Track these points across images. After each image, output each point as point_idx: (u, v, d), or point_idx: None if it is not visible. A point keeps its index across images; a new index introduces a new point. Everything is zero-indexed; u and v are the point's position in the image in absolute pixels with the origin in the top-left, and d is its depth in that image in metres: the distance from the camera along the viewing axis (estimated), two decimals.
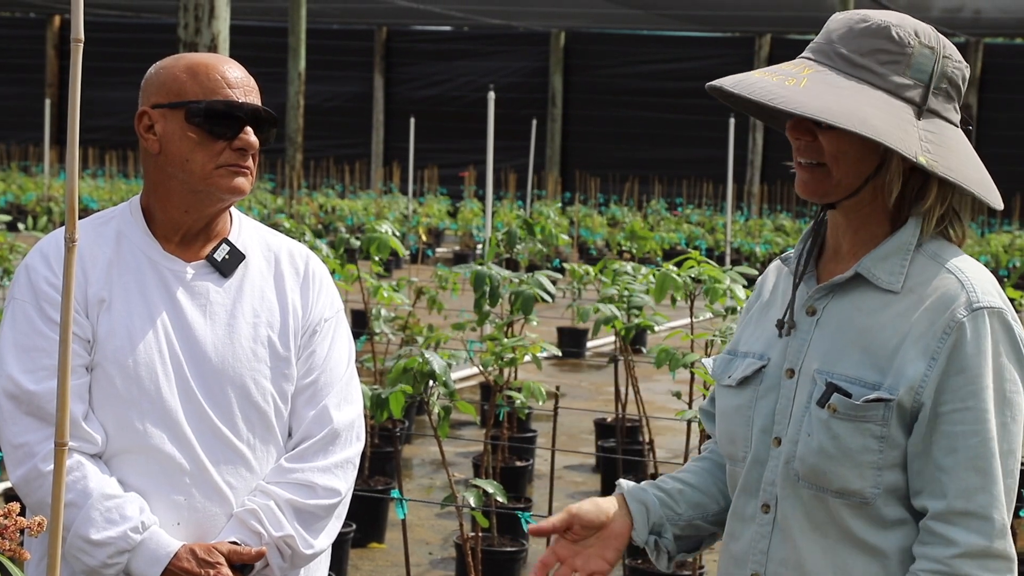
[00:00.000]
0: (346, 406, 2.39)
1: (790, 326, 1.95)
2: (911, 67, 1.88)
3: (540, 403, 4.85)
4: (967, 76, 1.93)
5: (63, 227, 2.37)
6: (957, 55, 1.92)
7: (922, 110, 1.87)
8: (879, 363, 1.85)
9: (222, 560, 2.22)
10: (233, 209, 2.41)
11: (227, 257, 2.34)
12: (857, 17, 1.89)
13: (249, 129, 2.30)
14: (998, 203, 1.89)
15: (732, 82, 1.90)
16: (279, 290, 2.37)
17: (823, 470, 1.85)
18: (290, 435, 2.37)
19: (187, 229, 2.33)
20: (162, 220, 2.33)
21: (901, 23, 1.89)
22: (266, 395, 2.31)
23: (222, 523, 2.29)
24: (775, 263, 2.11)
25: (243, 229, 2.41)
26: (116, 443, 2.25)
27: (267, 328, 2.33)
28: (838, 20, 1.91)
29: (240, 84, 2.33)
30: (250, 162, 2.32)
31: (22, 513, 1.44)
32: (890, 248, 1.89)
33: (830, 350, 1.90)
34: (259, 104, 2.34)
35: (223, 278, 2.33)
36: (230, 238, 2.37)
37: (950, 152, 1.87)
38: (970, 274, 1.87)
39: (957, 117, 1.92)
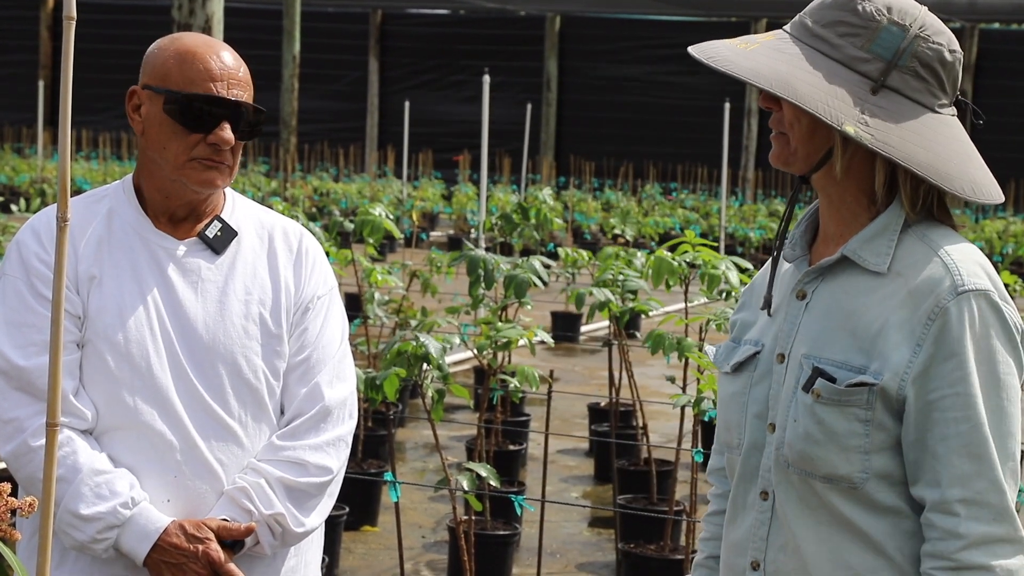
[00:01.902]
0: (338, 383, 2.37)
1: (768, 304, 1.96)
2: (873, 41, 1.85)
3: (534, 388, 4.85)
4: (949, 60, 1.88)
5: (55, 204, 2.36)
6: (940, 39, 1.88)
7: (879, 85, 1.84)
8: (864, 346, 1.84)
9: (211, 536, 2.22)
10: (228, 189, 2.40)
11: (219, 234, 2.33)
12: None
13: (226, 125, 2.26)
14: (962, 192, 1.84)
15: (698, 49, 1.91)
16: (272, 267, 2.36)
17: (810, 455, 1.85)
18: (282, 413, 2.37)
19: (172, 211, 2.33)
20: (150, 199, 2.33)
21: (874, 1, 1.87)
22: (257, 372, 2.31)
23: (212, 500, 2.28)
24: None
25: (236, 207, 2.40)
26: (107, 420, 2.25)
27: (259, 305, 2.32)
28: None
29: (225, 76, 2.27)
30: (226, 157, 2.28)
31: (14, 493, 1.43)
32: (876, 229, 1.88)
33: (818, 334, 1.89)
34: (245, 96, 2.29)
35: (215, 255, 2.32)
36: (223, 215, 2.36)
37: (900, 129, 1.83)
38: (956, 256, 1.84)
39: (936, 101, 1.87)
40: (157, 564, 2.21)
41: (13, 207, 11.33)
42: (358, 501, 5.80)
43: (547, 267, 5.65)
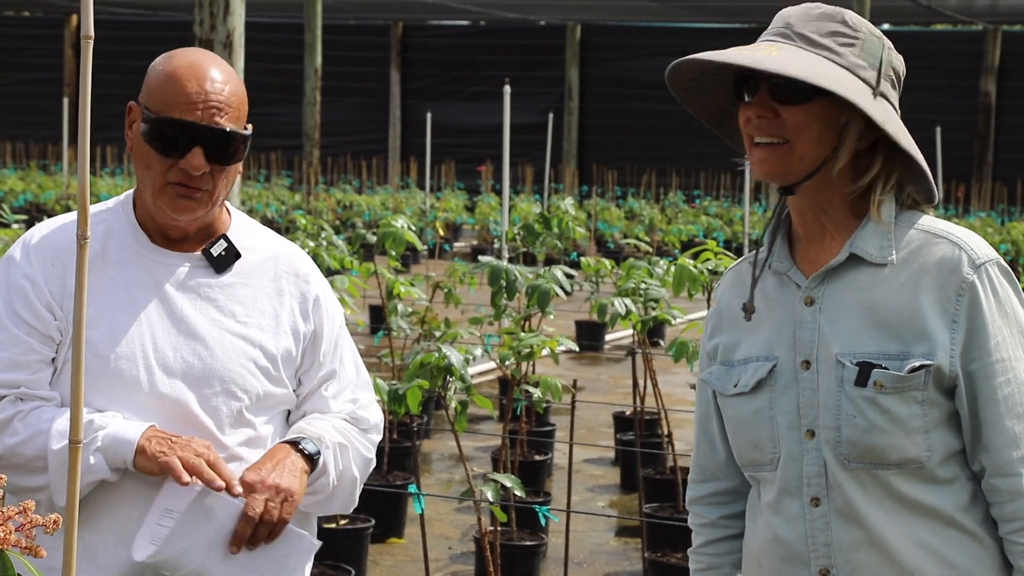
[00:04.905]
0: (373, 407, 2.43)
1: (749, 311, 1.97)
2: (864, 51, 1.94)
3: (556, 401, 4.84)
4: (902, 72, 1.99)
5: (49, 220, 2.36)
6: (894, 51, 1.99)
7: (875, 92, 1.92)
8: (897, 333, 1.89)
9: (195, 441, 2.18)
10: (228, 205, 2.36)
11: (223, 253, 2.30)
12: (810, 6, 1.97)
13: (198, 151, 2.18)
14: (935, 190, 1.97)
15: (701, 56, 1.92)
16: (276, 292, 2.33)
17: (880, 446, 1.88)
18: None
19: (163, 231, 2.29)
20: (144, 217, 2.30)
21: (851, 12, 1.97)
22: (251, 395, 2.27)
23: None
24: (733, 271, 2.11)
25: (241, 227, 2.36)
26: None
27: (257, 329, 2.29)
28: (792, 10, 1.96)
29: (203, 100, 2.19)
30: (202, 183, 2.20)
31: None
32: (875, 224, 1.94)
33: (844, 332, 1.92)
34: (226, 120, 2.20)
35: (216, 274, 2.30)
36: (228, 234, 2.32)
37: (901, 131, 1.93)
38: (960, 234, 1.93)
39: (898, 109, 1.98)
40: (149, 454, 2.15)
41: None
42: (384, 513, 5.81)
43: (570, 277, 5.65)
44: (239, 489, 2.18)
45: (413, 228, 6.06)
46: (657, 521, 5.40)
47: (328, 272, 7.07)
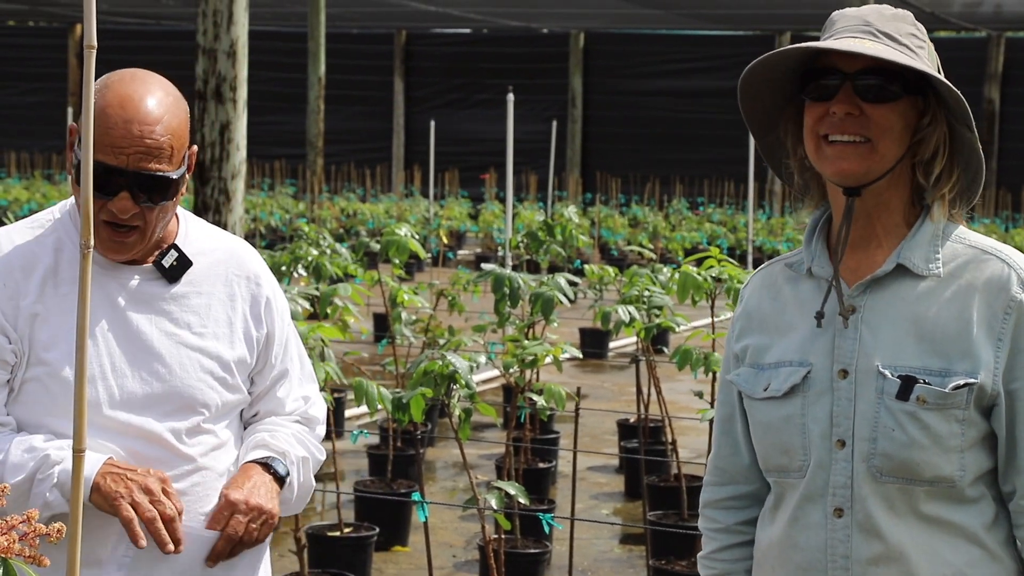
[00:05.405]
0: (319, 402, 2.48)
1: (845, 314, 1.92)
2: (929, 55, 1.94)
3: (560, 408, 4.84)
4: None
5: (10, 224, 2.34)
6: None
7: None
8: (942, 349, 1.88)
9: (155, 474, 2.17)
10: (179, 210, 2.34)
11: (175, 263, 2.28)
12: (879, 7, 1.95)
13: (125, 195, 2.14)
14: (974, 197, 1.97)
15: (811, 44, 1.88)
16: (228, 298, 2.33)
17: (916, 461, 1.86)
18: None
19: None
20: None
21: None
22: (210, 406, 2.28)
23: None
24: (763, 273, 2.08)
25: (190, 232, 2.34)
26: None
27: (213, 339, 2.30)
28: (865, 10, 1.93)
29: (128, 143, 2.14)
30: (133, 221, 2.17)
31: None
32: (924, 235, 1.92)
33: (885, 344, 1.90)
34: (155, 160, 2.15)
35: (168, 285, 2.28)
36: (177, 242, 2.30)
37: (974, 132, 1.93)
38: (1009, 253, 1.92)
39: None
40: (104, 492, 2.14)
41: None
42: (388, 521, 5.81)
43: (573, 284, 5.66)
44: (191, 524, 2.20)
45: (417, 236, 6.07)
46: (661, 529, 5.39)
47: (332, 280, 7.08)
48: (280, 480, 2.30)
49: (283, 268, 6.59)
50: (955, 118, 1.91)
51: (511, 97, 9.04)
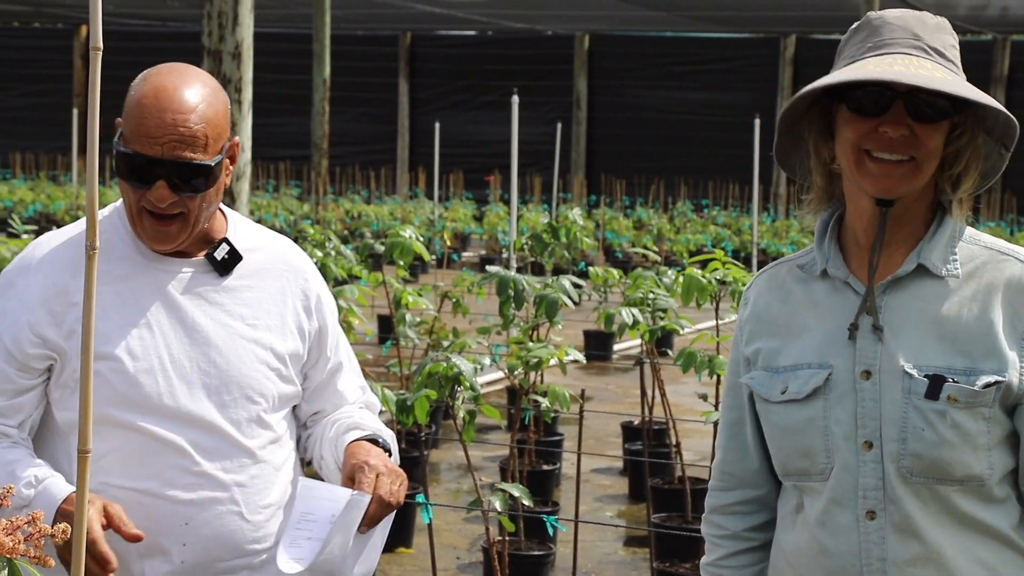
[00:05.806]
0: (369, 389, 2.54)
1: (879, 326, 1.91)
2: (959, 60, 1.96)
3: (565, 411, 4.84)
4: None
5: (53, 233, 2.35)
6: None
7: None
8: (965, 348, 1.88)
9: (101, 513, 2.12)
10: (226, 209, 2.38)
11: (227, 257, 2.31)
12: (920, 15, 1.92)
13: (162, 184, 2.17)
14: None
15: (869, 75, 1.84)
16: (279, 292, 2.36)
17: (947, 461, 1.86)
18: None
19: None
20: None
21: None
22: (267, 396, 2.31)
23: (233, 522, 2.26)
24: (768, 274, 2.06)
25: (238, 228, 2.37)
26: (120, 447, 2.22)
27: (265, 330, 2.32)
28: (911, 21, 1.90)
29: (164, 133, 2.16)
30: (173, 210, 2.20)
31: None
32: (943, 236, 1.93)
33: (908, 344, 1.89)
34: (191, 149, 2.17)
35: (220, 277, 2.31)
36: (228, 237, 2.33)
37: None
38: None
39: None
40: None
41: None
42: (392, 522, 5.80)
43: (578, 286, 5.66)
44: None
45: (421, 238, 6.07)
46: (665, 531, 5.39)
47: (336, 282, 7.08)
48: (388, 453, 2.35)
49: None
50: (986, 131, 1.92)
51: (516, 99, 9.04)
